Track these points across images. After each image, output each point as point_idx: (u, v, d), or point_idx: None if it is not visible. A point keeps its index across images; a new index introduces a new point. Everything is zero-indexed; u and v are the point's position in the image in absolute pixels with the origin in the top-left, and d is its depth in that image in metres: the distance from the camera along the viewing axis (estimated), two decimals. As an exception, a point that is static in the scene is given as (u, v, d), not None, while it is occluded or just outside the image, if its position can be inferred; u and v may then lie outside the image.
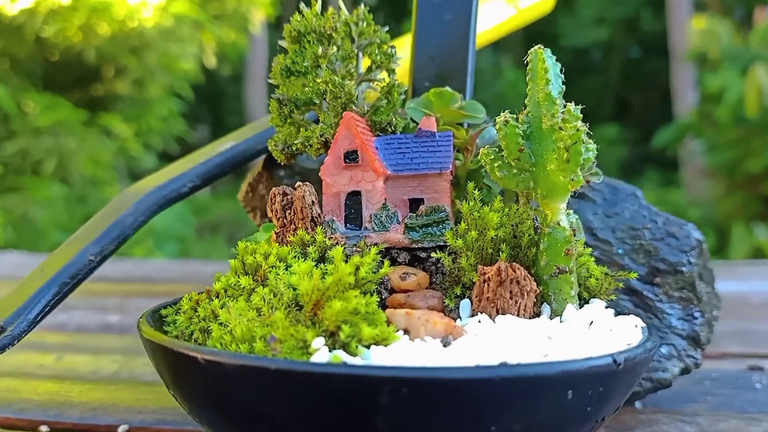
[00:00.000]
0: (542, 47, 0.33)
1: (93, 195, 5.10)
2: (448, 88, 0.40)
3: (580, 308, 0.32)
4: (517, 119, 0.32)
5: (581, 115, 0.31)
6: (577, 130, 0.30)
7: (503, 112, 0.33)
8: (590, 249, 0.37)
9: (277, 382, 0.25)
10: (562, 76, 0.32)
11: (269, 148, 0.39)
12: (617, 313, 0.34)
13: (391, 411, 0.24)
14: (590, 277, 0.34)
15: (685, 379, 0.52)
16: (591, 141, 0.32)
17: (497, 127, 0.32)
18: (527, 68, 0.33)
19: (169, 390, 0.30)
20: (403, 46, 0.55)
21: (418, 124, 0.38)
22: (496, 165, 0.32)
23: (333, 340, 0.27)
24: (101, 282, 1.05)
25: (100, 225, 0.40)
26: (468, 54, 0.44)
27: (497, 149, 0.32)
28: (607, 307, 0.34)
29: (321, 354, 0.26)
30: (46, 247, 4.60)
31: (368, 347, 0.27)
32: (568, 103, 0.31)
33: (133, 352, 0.62)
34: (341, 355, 0.26)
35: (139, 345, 0.42)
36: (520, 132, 0.31)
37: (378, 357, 0.27)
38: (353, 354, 0.27)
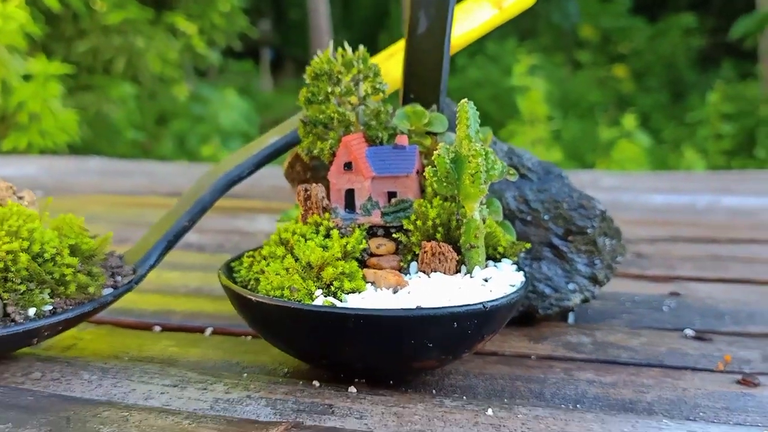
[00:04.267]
0: (467, 100, 0.50)
1: (162, 93, 5.34)
2: (419, 107, 0.58)
3: (486, 268, 0.51)
4: (447, 150, 0.50)
5: (484, 152, 0.49)
6: (478, 164, 0.48)
7: (440, 144, 0.51)
8: (506, 224, 0.55)
9: (294, 315, 0.46)
10: (479, 120, 0.50)
11: (299, 153, 0.58)
12: (519, 269, 0.53)
13: (354, 332, 0.45)
14: (500, 245, 0.53)
15: (612, 300, 0.72)
16: (498, 160, 0.50)
17: (434, 156, 0.50)
18: (456, 114, 0.51)
19: (240, 315, 0.52)
20: (399, 50, 0.72)
21: (402, 130, 0.57)
22: (434, 179, 0.51)
23: (328, 290, 0.48)
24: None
25: (188, 201, 0.60)
26: (442, 74, 0.62)
27: (435, 168, 0.51)
28: (513, 263, 0.53)
29: (319, 299, 0.47)
30: (123, 146, 4.90)
31: (348, 294, 0.48)
32: (477, 143, 0.49)
33: (210, 269, 0.84)
34: (331, 300, 0.46)
35: (214, 263, 0.64)
36: (447, 160, 0.50)
37: (352, 301, 0.47)
38: (339, 299, 0.47)
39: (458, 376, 0.53)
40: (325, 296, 0.47)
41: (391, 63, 0.69)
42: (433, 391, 0.50)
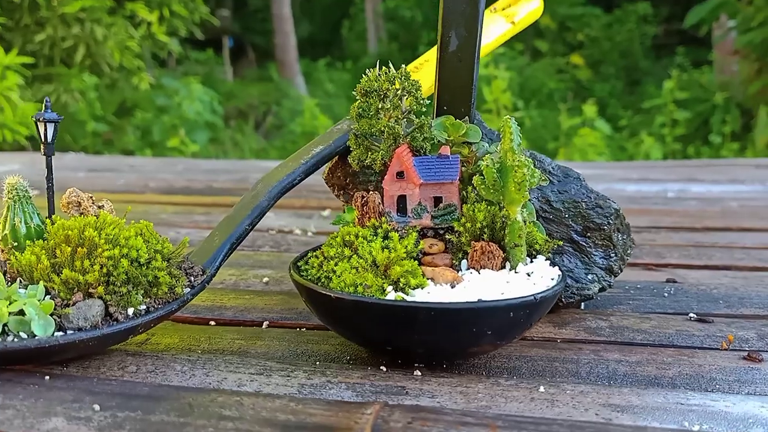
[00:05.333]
0: (509, 117, 0.57)
1: (123, 83, 5.29)
2: (456, 120, 0.65)
3: (529, 264, 0.59)
4: (492, 160, 0.57)
5: (528, 161, 0.56)
6: (524, 173, 0.55)
7: (487, 152, 0.58)
8: (537, 224, 0.63)
9: (370, 309, 0.52)
10: (520, 134, 0.58)
11: (350, 162, 0.65)
12: (553, 264, 0.61)
13: (425, 324, 0.52)
14: (536, 243, 0.61)
15: (617, 288, 0.80)
16: (536, 170, 0.57)
17: (482, 166, 0.57)
18: (500, 128, 0.58)
19: (309, 308, 0.58)
20: (426, 62, 0.79)
21: (439, 140, 0.64)
22: (481, 186, 0.58)
23: (396, 286, 0.55)
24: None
25: (248, 206, 0.66)
26: (472, 87, 0.69)
27: (483, 177, 0.58)
28: (546, 259, 0.61)
29: (391, 295, 0.53)
30: (85, 138, 4.84)
31: (414, 289, 0.54)
32: (521, 156, 0.56)
33: (238, 266, 0.90)
34: (402, 295, 0.53)
35: (240, 259, 0.70)
36: (494, 169, 0.57)
37: (419, 296, 0.54)
38: (407, 294, 0.54)
39: (502, 359, 0.60)
40: (396, 292, 0.54)
41: (418, 74, 0.76)
42: (483, 373, 0.57)
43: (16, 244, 0.57)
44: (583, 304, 0.74)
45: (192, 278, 0.61)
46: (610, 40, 7.45)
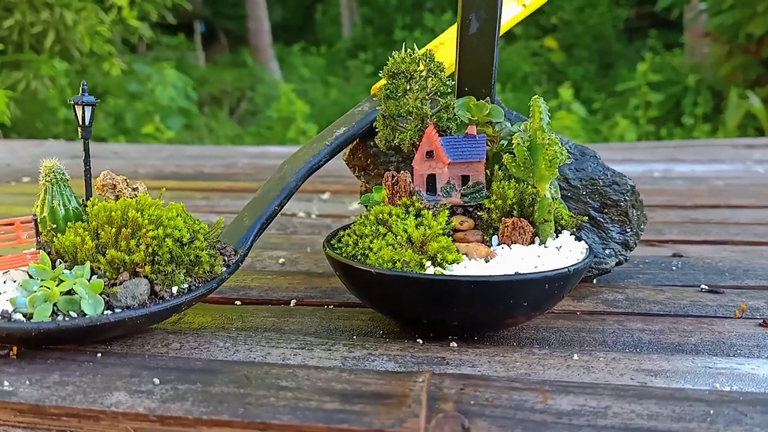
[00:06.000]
0: (538, 96, 0.59)
1: (94, 69, 5.21)
2: (480, 101, 0.67)
3: (556, 239, 0.61)
4: (523, 139, 0.59)
5: (558, 139, 0.58)
6: (555, 151, 0.57)
7: (519, 130, 0.60)
8: (560, 201, 0.65)
9: (412, 284, 0.54)
10: (549, 113, 0.59)
11: (377, 143, 0.66)
12: (577, 238, 0.63)
13: (465, 296, 0.54)
14: (562, 219, 0.63)
15: (627, 263, 0.82)
16: (564, 148, 0.59)
17: (514, 144, 0.59)
18: (529, 108, 0.60)
19: (345, 284, 0.60)
20: (447, 41, 0.81)
21: (462, 120, 0.66)
22: (512, 164, 0.60)
23: (433, 261, 0.56)
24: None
25: (276, 187, 0.68)
26: (493, 69, 0.70)
27: (513, 155, 0.60)
28: (571, 234, 0.63)
29: (430, 269, 0.55)
30: (57, 125, 4.77)
31: (450, 264, 0.56)
32: (552, 133, 0.58)
33: (258, 248, 0.91)
34: (440, 270, 0.55)
35: (267, 243, 0.71)
36: (525, 147, 0.59)
37: (456, 270, 0.56)
38: (444, 268, 0.56)
39: (530, 330, 0.62)
40: (434, 266, 0.56)
41: (438, 53, 0.77)
42: (514, 344, 0.59)
43: (54, 226, 0.58)
44: (595, 279, 0.77)
45: (226, 258, 0.63)
46: (583, 23, 7.51)
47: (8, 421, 0.46)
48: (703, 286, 0.74)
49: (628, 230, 0.73)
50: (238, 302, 0.71)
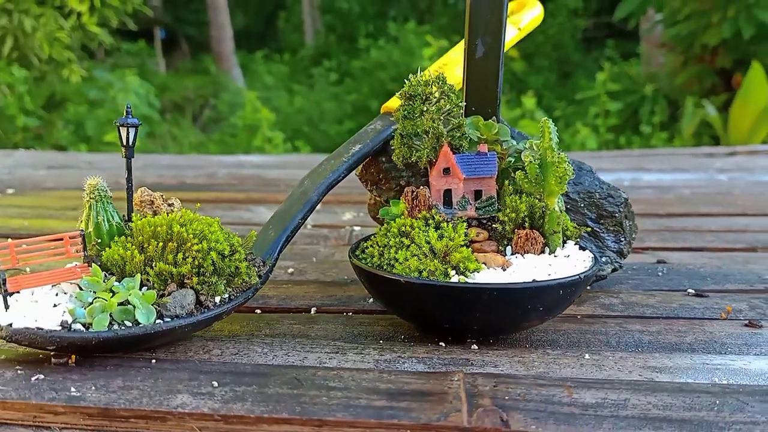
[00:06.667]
0: (547, 118, 0.65)
1: (53, 76, 5.15)
2: (488, 121, 0.72)
3: (563, 248, 0.66)
4: (533, 157, 0.65)
5: (566, 157, 0.63)
6: (565, 168, 0.63)
7: (528, 148, 0.65)
8: (564, 213, 0.70)
9: (438, 291, 0.59)
10: (558, 133, 0.65)
11: (394, 160, 0.71)
12: (581, 248, 0.69)
13: (487, 302, 0.59)
14: (567, 230, 0.68)
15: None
16: (570, 166, 0.65)
17: (525, 162, 0.64)
18: (540, 127, 0.65)
19: (371, 292, 0.64)
20: (450, 61, 0.86)
21: (472, 138, 0.71)
22: (524, 180, 0.65)
23: (456, 270, 0.61)
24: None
25: (298, 201, 0.72)
26: (498, 90, 0.76)
27: (525, 171, 0.65)
28: (575, 244, 0.69)
29: (455, 278, 0.60)
30: (16, 134, 4.71)
31: (471, 273, 0.61)
32: (561, 153, 0.64)
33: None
34: (464, 278, 0.60)
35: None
36: (536, 164, 0.64)
37: (478, 278, 0.61)
38: (468, 277, 0.61)
39: (540, 333, 0.67)
40: (458, 275, 0.61)
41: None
42: (527, 345, 0.64)
43: (99, 240, 0.61)
44: (589, 285, 0.83)
45: (257, 268, 0.67)
46: (543, 33, 7.67)
47: (76, 424, 0.49)
48: (689, 291, 0.81)
49: (622, 239, 0.79)
50: (258, 311, 0.75)
